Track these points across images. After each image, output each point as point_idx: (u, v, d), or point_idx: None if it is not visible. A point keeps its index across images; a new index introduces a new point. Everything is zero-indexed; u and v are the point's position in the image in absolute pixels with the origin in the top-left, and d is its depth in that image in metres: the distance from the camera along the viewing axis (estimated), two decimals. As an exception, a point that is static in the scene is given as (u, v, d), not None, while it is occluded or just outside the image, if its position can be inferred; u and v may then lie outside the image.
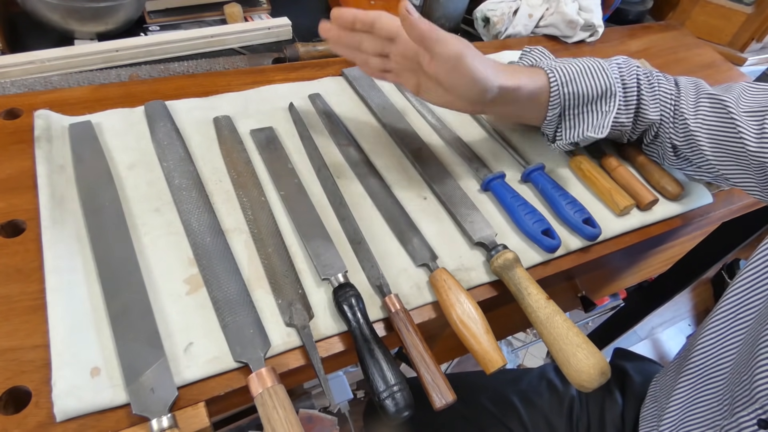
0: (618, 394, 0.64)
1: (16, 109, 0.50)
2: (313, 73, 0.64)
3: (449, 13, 0.85)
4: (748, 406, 0.39)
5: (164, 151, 0.49)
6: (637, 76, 0.53)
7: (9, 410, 0.33)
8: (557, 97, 0.50)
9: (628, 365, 0.67)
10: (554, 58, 0.55)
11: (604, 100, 0.51)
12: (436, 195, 0.52)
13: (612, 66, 0.52)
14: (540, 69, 0.51)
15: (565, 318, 0.41)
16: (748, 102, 0.48)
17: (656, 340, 1.67)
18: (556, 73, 0.50)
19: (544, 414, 0.64)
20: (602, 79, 0.50)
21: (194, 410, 0.35)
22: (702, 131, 0.50)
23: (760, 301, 0.43)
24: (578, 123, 0.52)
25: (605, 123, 0.50)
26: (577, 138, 0.52)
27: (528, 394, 0.66)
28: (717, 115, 0.49)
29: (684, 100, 0.52)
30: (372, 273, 0.44)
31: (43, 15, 0.63)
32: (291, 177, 0.50)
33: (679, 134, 0.53)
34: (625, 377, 0.65)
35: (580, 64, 0.51)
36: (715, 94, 0.50)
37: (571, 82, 0.50)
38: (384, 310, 0.42)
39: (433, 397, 0.38)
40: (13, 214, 0.42)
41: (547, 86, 0.50)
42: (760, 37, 1.00)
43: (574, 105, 0.51)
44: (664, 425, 0.50)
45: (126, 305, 0.37)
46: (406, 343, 0.40)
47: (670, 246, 0.81)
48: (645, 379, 0.64)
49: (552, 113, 0.51)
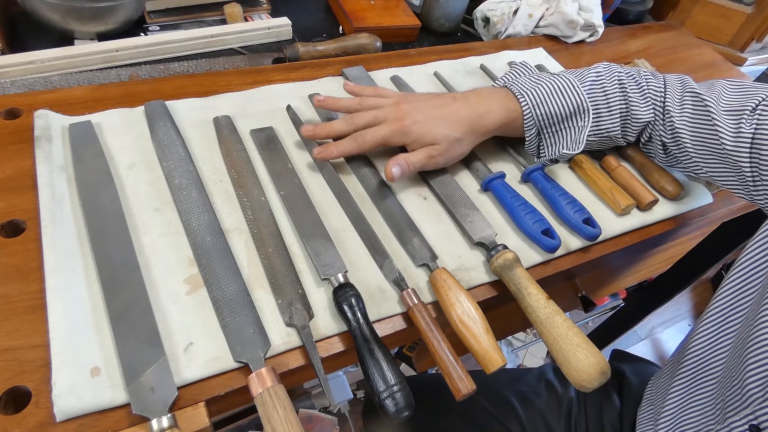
0: (616, 397, 0.64)
1: (16, 109, 0.50)
2: (313, 73, 0.64)
3: (449, 13, 0.85)
4: (740, 410, 0.39)
5: (164, 151, 0.49)
6: (619, 80, 0.53)
7: (9, 410, 0.33)
8: (531, 118, 0.52)
9: (626, 367, 0.67)
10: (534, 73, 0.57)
11: (578, 116, 0.52)
12: (436, 195, 0.52)
13: (588, 77, 0.53)
14: (510, 94, 0.52)
15: (565, 318, 0.41)
16: (727, 100, 0.49)
17: (656, 340, 1.67)
18: (527, 97, 0.51)
19: (543, 415, 0.64)
20: (573, 96, 0.51)
21: (194, 410, 0.35)
22: (686, 129, 0.51)
23: (748, 303, 0.43)
24: (556, 140, 0.54)
25: (580, 138, 0.52)
26: (555, 155, 0.54)
27: (527, 394, 0.66)
28: (698, 114, 0.50)
29: (670, 97, 0.53)
30: (388, 268, 0.45)
31: (43, 15, 0.63)
32: (291, 177, 0.50)
33: (667, 132, 0.53)
34: (622, 379, 0.65)
35: (551, 83, 0.52)
36: (698, 92, 0.51)
37: (542, 103, 0.51)
38: (401, 305, 0.43)
39: (458, 385, 0.38)
40: (13, 214, 0.42)
41: (520, 111, 0.52)
42: (760, 36, 1.00)
43: (550, 124, 0.53)
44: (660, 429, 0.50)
45: (126, 305, 0.37)
46: (428, 336, 0.40)
47: (670, 246, 0.81)
48: (642, 381, 0.64)
49: (529, 134, 0.53)
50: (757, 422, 0.37)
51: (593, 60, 0.81)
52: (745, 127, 0.46)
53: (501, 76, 0.60)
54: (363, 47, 0.74)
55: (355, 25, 0.78)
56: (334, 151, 0.50)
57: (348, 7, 0.81)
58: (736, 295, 0.44)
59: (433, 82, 0.67)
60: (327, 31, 0.81)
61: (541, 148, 0.56)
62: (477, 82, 0.69)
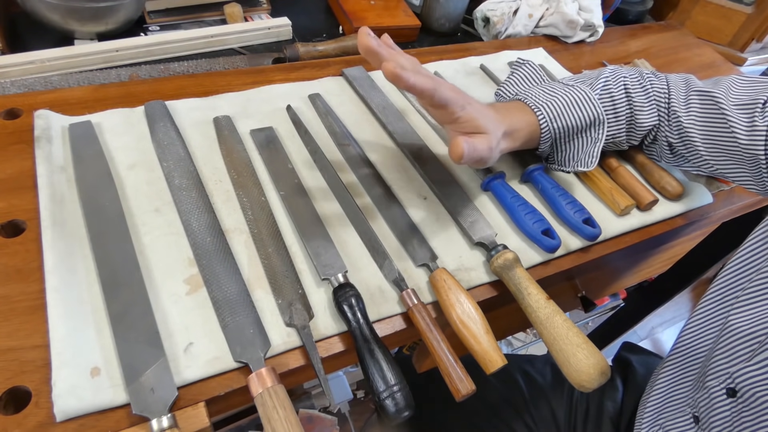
0: (619, 382, 0.66)
1: (16, 109, 0.50)
2: (313, 73, 0.64)
3: (449, 13, 0.85)
4: (718, 375, 0.40)
5: (164, 151, 0.49)
6: (625, 86, 0.53)
7: (9, 410, 0.33)
8: (548, 132, 0.51)
9: (633, 357, 0.70)
10: (543, 76, 0.57)
11: (594, 128, 0.52)
12: (436, 195, 0.53)
13: (597, 86, 0.53)
14: (526, 107, 0.51)
15: (565, 318, 0.41)
16: (737, 95, 0.49)
17: (656, 340, 1.67)
18: (543, 110, 0.50)
19: (545, 394, 0.67)
20: (590, 109, 0.51)
21: (194, 410, 0.35)
22: (695, 128, 0.51)
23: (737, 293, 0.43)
24: (568, 149, 0.54)
25: (594, 152, 0.52)
26: (567, 168, 0.54)
27: (531, 374, 0.70)
28: (708, 111, 0.50)
29: (675, 98, 0.53)
30: (388, 268, 0.45)
31: (43, 15, 0.63)
32: (291, 177, 0.50)
33: (673, 132, 0.53)
34: (628, 367, 0.68)
35: (567, 95, 0.51)
36: (704, 90, 0.51)
37: (559, 117, 0.51)
38: (401, 305, 0.43)
39: (457, 386, 0.38)
40: (13, 214, 0.42)
41: (537, 123, 0.51)
42: (760, 37, 1.00)
43: (565, 136, 0.52)
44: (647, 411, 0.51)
45: (126, 305, 0.37)
46: (427, 336, 0.40)
47: (670, 246, 0.81)
48: (648, 371, 0.66)
49: (544, 146, 0.53)
50: (734, 384, 0.38)
51: (593, 60, 0.81)
52: (759, 120, 0.46)
53: (505, 79, 0.59)
54: (363, 47, 0.73)
55: (355, 25, 0.78)
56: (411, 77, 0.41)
57: (348, 7, 0.81)
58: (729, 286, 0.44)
59: (433, 82, 0.67)
60: (327, 31, 0.81)
61: (550, 158, 0.56)
62: (477, 83, 0.69)
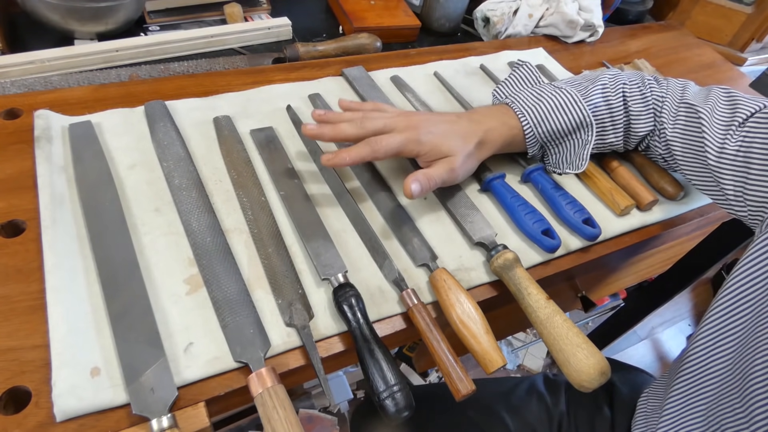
0: (607, 409, 0.62)
1: (16, 109, 0.50)
2: (313, 73, 0.64)
3: (449, 13, 0.86)
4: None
5: (164, 151, 0.49)
6: (624, 94, 0.53)
7: (9, 410, 0.33)
8: (533, 136, 0.52)
9: (615, 376, 0.65)
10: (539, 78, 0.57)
11: (582, 130, 0.52)
12: (436, 195, 0.53)
13: (594, 92, 0.52)
14: (511, 111, 0.52)
15: (565, 318, 0.41)
16: (721, 111, 0.48)
17: (656, 340, 1.67)
18: (528, 115, 0.51)
19: (533, 429, 0.62)
20: (575, 112, 0.51)
21: (194, 410, 0.35)
22: (677, 141, 0.51)
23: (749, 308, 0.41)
24: (560, 151, 0.54)
25: (583, 155, 0.53)
26: (560, 169, 0.54)
27: (517, 408, 0.65)
28: (690, 126, 0.50)
29: (667, 109, 0.52)
30: (388, 268, 0.45)
31: (43, 15, 0.63)
32: (291, 177, 0.50)
33: (660, 143, 0.54)
34: (612, 390, 0.64)
35: (552, 99, 0.51)
36: (692, 104, 0.50)
37: (544, 121, 0.51)
38: (401, 305, 0.43)
39: (457, 386, 0.38)
40: (13, 214, 0.42)
41: (521, 128, 0.52)
42: (760, 37, 1.00)
43: (552, 139, 0.53)
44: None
45: (126, 305, 0.37)
46: (427, 336, 0.40)
47: (670, 246, 0.81)
48: (632, 389, 0.62)
49: (532, 150, 0.53)
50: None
51: (593, 60, 0.81)
52: (729, 142, 0.45)
53: (503, 80, 0.60)
54: (363, 47, 0.74)
55: (355, 25, 0.78)
56: (347, 157, 0.45)
57: (348, 7, 0.81)
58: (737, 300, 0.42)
59: (434, 82, 0.68)
60: (327, 31, 0.81)
61: (545, 158, 0.56)
62: (477, 83, 0.69)
